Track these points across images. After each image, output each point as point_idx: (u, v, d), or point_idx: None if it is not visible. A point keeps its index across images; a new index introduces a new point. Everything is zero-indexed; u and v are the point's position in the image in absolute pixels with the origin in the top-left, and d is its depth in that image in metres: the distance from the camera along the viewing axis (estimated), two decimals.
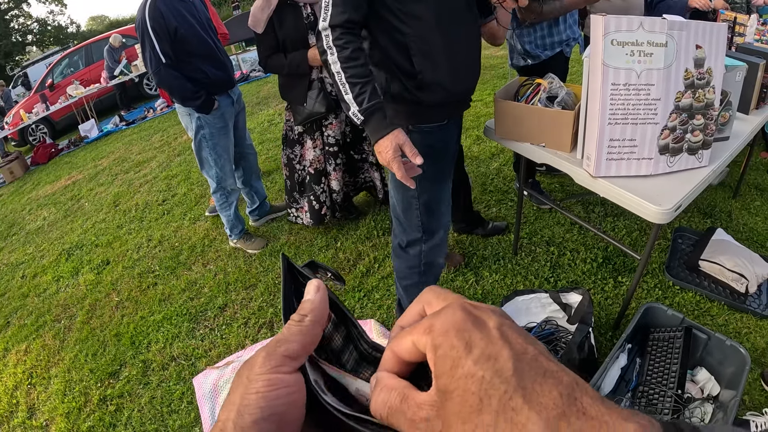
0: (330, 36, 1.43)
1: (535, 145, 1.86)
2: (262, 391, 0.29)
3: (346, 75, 1.42)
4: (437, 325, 0.27)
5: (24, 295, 3.47)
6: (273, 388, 0.30)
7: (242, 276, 2.95)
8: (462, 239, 2.82)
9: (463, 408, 0.24)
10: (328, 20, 1.42)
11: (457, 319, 0.27)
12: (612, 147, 1.52)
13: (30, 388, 2.56)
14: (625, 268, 2.42)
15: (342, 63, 1.42)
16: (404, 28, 1.49)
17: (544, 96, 1.79)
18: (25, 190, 6.31)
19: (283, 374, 0.30)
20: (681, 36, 1.39)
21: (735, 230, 2.57)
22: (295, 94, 2.65)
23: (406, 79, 1.57)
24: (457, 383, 0.25)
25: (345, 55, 1.42)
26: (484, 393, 0.24)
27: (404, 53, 1.53)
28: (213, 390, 2.19)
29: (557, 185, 3.20)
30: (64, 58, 10.24)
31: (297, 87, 2.62)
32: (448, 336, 0.26)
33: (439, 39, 1.52)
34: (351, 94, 1.43)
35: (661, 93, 1.43)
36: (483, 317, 0.27)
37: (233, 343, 2.46)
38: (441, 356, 0.26)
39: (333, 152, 2.85)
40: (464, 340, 0.25)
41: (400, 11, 1.48)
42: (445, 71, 1.57)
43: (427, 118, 1.66)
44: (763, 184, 2.94)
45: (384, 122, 1.45)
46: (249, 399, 0.29)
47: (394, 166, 1.46)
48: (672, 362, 1.71)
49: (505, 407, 0.23)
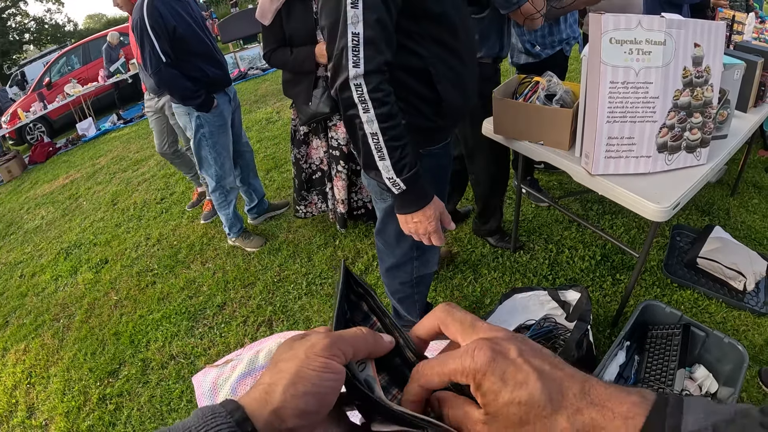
0: (365, 86, 1.13)
1: (534, 143, 1.86)
2: (318, 370, 0.33)
3: (385, 137, 1.17)
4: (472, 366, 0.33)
5: (22, 294, 3.46)
6: (327, 371, 0.33)
7: (241, 274, 2.95)
8: (461, 237, 2.82)
9: (508, 424, 0.32)
10: (362, 65, 1.12)
11: (488, 360, 0.32)
12: (610, 145, 1.52)
13: (29, 388, 2.56)
14: (623, 266, 2.43)
15: (381, 122, 1.16)
16: (422, 51, 1.29)
17: (542, 94, 1.79)
18: (23, 189, 6.30)
19: (337, 362, 0.34)
20: (679, 34, 1.39)
21: (733, 228, 2.57)
22: (299, 92, 2.54)
23: (426, 107, 1.37)
24: (501, 408, 0.32)
25: (385, 111, 1.16)
26: (523, 412, 0.31)
27: (425, 80, 1.32)
28: (212, 388, 2.18)
29: (555, 183, 3.20)
30: (61, 57, 10.21)
31: (301, 84, 2.51)
32: (486, 376, 0.32)
33: (456, 61, 1.35)
34: (389, 160, 1.20)
35: (659, 91, 1.43)
36: (504, 350, 0.33)
37: (232, 341, 2.46)
38: (484, 393, 0.32)
39: (336, 156, 2.71)
40: (499, 376, 0.32)
41: (416, 33, 1.27)
42: (461, 92, 1.42)
43: (437, 140, 1.52)
44: (761, 182, 2.95)
45: (426, 189, 1.29)
46: (306, 373, 0.33)
47: (435, 238, 1.33)
48: (670, 360, 1.72)
49: (539, 417, 0.31)
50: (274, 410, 0.32)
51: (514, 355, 0.33)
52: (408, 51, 1.28)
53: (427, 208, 1.30)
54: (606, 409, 0.30)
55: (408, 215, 1.32)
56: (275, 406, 0.32)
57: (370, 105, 1.15)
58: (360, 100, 1.15)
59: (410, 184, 1.24)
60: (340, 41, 1.13)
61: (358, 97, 1.14)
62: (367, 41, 1.11)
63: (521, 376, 0.32)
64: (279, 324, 2.51)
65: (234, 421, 0.30)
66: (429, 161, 1.53)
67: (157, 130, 3.45)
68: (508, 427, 0.32)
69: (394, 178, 1.22)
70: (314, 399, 0.33)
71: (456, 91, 1.39)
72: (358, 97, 1.15)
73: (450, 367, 0.34)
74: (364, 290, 0.43)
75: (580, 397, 0.31)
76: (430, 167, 1.53)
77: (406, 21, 1.23)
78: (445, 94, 1.35)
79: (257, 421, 0.31)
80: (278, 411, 0.32)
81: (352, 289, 0.43)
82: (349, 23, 1.10)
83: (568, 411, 0.30)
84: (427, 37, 1.27)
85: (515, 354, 0.33)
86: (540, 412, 0.31)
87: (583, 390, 0.31)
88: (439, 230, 1.34)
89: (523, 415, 0.31)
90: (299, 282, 2.75)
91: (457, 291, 2.46)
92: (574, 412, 0.30)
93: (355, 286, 0.43)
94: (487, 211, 2.64)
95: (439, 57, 1.31)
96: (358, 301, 0.43)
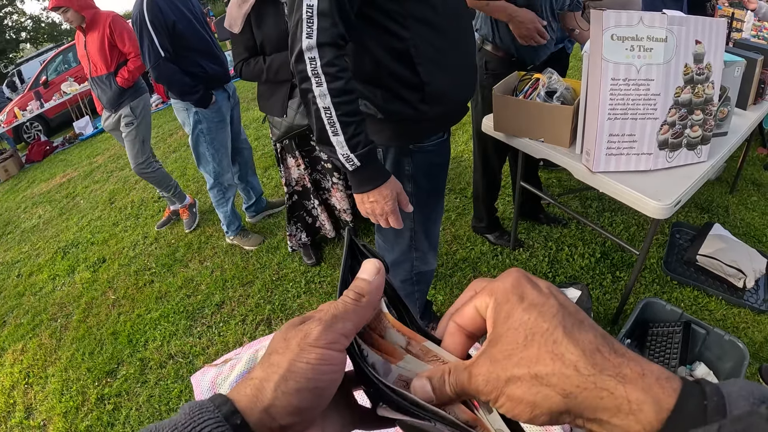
0: (318, 59, 1.12)
1: (534, 140, 1.85)
2: (313, 363, 0.30)
3: (338, 112, 1.15)
4: (498, 285, 0.31)
5: (20, 293, 3.44)
6: (324, 363, 0.31)
7: (239, 273, 2.94)
8: (459, 234, 2.82)
9: (510, 346, 0.28)
10: (315, 36, 1.10)
11: (514, 279, 0.31)
12: (611, 142, 1.52)
13: (27, 388, 2.55)
14: (623, 263, 2.42)
15: (334, 97, 1.14)
16: (404, 33, 1.24)
17: (542, 91, 1.78)
18: (20, 188, 6.27)
19: (335, 351, 0.31)
20: (681, 31, 1.39)
21: (732, 225, 2.58)
22: (273, 104, 2.31)
23: (409, 93, 1.33)
24: (508, 327, 0.29)
25: (338, 86, 1.14)
26: (529, 331, 0.28)
27: (406, 62, 1.28)
28: (211, 388, 2.18)
29: (555, 180, 3.20)
30: (58, 55, 10.14)
31: (276, 95, 2.28)
32: (506, 292, 0.30)
33: (443, 42, 1.31)
34: (342, 136, 1.17)
35: (660, 88, 1.43)
36: (536, 281, 0.31)
37: (231, 340, 2.45)
38: (497, 309, 0.30)
39: (329, 169, 2.54)
40: (518, 294, 0.30)
41: (398, 13, 1.22)
42: (450, 78, 1.37)
43: (428, 134, 1.47)
44: (760, 179, 2.95)
45: (382, 168, 1.27)
46: (298, 367, 0.30)
47: (392, 219, 1.31)
48: (671, 357, 1.71)
49: (547, 341, 0.27)
50: (264, 408, 0.30)
51: (542, 285, 0.31)
52: (389, 32, 1.24)
53: (383, 186, 1.26)
54: (634, 363, 0.26)
55: (364, 194, 1.28)
56: (266, 405, 0.30)
57: (323, 79, 1.13)
58: (313, 74, 1.13)
59: (365, 160, 1.21)
60: (296, 13, 1.12)
61: (311, 70, 1.13)
62: (321, 13, 1.10)
63: (540, 299, 0.29)
64: (278, 323, 2.50)
65: (222, 415, 0.29)
66: (420, 158, 1.48)
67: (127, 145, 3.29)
68: (508, 351, 0.28)
69: (348, 153, 1.20)
70: (309, 395, 0.30)
71: (443, 75, 1.34)
72: (311, 70, 1.13)
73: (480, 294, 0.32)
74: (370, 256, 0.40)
75: (601, 341, 0.27)
76: (421, 165, 1.50)
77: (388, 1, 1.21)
78: (428, 76, 1.30)
79: (248, 419, 0.29)
80: (269, 409, 0.30)
81: (356, 258, 0.40)
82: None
83: (585, 345, 0.27)
84: (409, 16, 1.23)
85: (544, 286, 0.31)
86: (548, 334, 0.27)
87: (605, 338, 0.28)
88: (397, 211, 1.31)
89: (529, 336, 0.28)
90: (298, 280, 2.74)
91: (456, 289, 2.46)
92: (592, 349, 0.27)
93: (360, 256, 0.40)
94: (478, 210, 2.68)
95: (423, 37, 1.26)
96: None
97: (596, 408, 0.26)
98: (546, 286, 0.30)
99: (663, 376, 0.26)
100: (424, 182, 1.54)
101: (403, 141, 1.44)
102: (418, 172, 1.51)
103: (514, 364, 0.28)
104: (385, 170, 1.28)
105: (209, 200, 3.94)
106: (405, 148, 1.45)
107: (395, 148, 1.46)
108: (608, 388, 0.25)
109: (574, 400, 0.26)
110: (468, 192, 3.21)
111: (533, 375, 0.27)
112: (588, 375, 0.26)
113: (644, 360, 0.27)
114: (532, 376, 0.27)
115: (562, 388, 0.26)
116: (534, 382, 0.27)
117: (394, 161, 1.48)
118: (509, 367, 0.28)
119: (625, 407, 0.25)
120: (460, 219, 2.97)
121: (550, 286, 0.31)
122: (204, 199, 3.97)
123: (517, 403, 0.28)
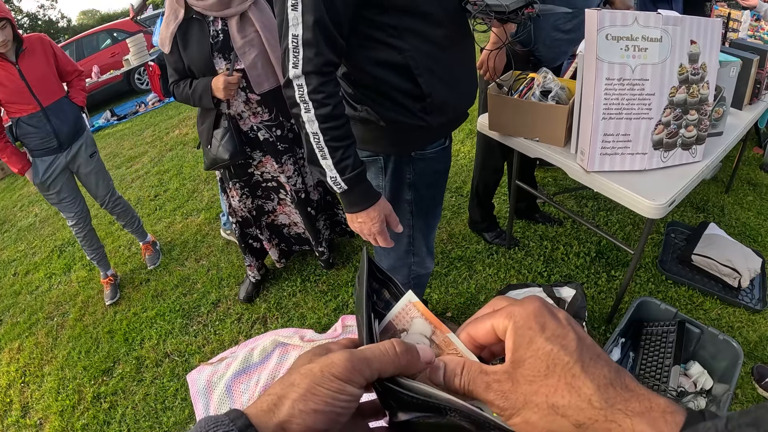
0: (305, 86, 1.15)
1: (529, 140, 1.85)
2: (333, 392, 0.32)
3: (326, 137, 1.18)
4: (519, 310, 0.33)
5: (16, 292, 3.44)
6: (342, 394, 0.32)
7: (235, 271, 2.93)
8: (455, 233, 2.82)
9: (532, 372, 0.31)
10: (300, 66, 1.13)
11: (536, 307, 0.33)
12: (606, 142, 1.52)
13: (23, 387, 2.54)
14: (618, 262, 2.43)
15: (321, 123, 1.17)
16: (402, 45, 1.24)
17: (537, 90, 1.78)
18: (16, 187, 6.25)
19: (354, 387, 0.32)
20: (676, 31, 1.39)
21: (727, 225, 2.58)
22: (203, 131, 2.14)
23: (411, 103, 1.33)
24: (531, 354, 0.31)
25: (325, 113, 1.16)
26: (551, 362, 0.30)
27: (405, 74, 1.28)
28: (207, 386, 2.18)
29: (550, 179, 3.20)
30: None
31: (205, 122, 2.12)
32: (527, 319, 0.32)
33: (442, 53, 1.30)
34: (330, 160, 1.20)
35: (655, 88, 1.43)
36: (555, 311, 0.33)
37: (227, 338, 2.45)
38: (520, 334, 0.32)
39: (273, 188, 2.37)
40: (540, 323, 0.32)
41: (393, 27, 1.22)
42: (451, 89, 1.37)
43: (430, 142, 1.47)
44: (755, 179, 2.96)
45: (370, 191, 1.28)
46: (318, 391, 0.31)
47: (380, 239, 1.33)
48: (665, 356, 1.72)
49: (566, 374, 0.30)
50: (279, 423, 0.31)
51: (561, 317, 0.33)
52: (386, 45, 1.24)
53: (371, 209, 1.28)
54: (642, 397, 0.29)
55: (353, 215, 1.31)
56: (281, 419, 0.31)
57: (311, 105, 1.16)
58: (301, 100, 1.16)
59: (352, 184, 1.23)
60: (283, 42, 1.15)
61: (299, 96, 1.16)
62: (306, 43, 1.12)
63: (561, 331, 0.32)
64: (273, 321, 2.50)
65: (236, 429, 0.29)
66: (421, 165, 1.48)
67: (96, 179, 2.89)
68: (530, 375, 0.31)
69: (336, 177, 1.22)
70: (324, 417, 0.31)
71: (443, 86, 1.34)
72: (299, 97, 1.16)
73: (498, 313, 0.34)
74: (385, 278, 0.43)
75: (615, 376, 0.30)
76: (423, 172, 1.49)
77: (377, 14, 1.21)
78: (429, 88, 1.30)
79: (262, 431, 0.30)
80: (284, 424, 0.31)
81: (374, 276, 0.42)
82: (290, 25, 1.11)
83: (600, 380, 0.29)
84: (404, 29, 1.23)
85: (563, 317, 0.33)
86: (568, 368, 0.30)
87: (618, 372, 0.30)
88: (385, 232, 1.33)
89: (550, 365, 0.30)
90: (293, 279, 2.74)
91: (452, 287, 2.46)
92: (605, 384, 0.29)
93: (378, 274, 0.43)
94: (475, 207, 2.68)
95: (420, 50, 1.26)
96: (380, 288, 0.43)
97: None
98: (564, 317, 0.33)
99: (669, 410, 0.28)
100: (424, 190, 1.53)
101: (405, 148, 1.44)
102: (419, 180, 1.51)
103: (533, 391, 0.31)
104: (374, 192, 1.30)
105: (201, 202, 3.93)
106: (406, 155, 1.45)
107: (396, 156, 1.45)
108: (617, 420, 0.28)
109: (585, 431, 0.29)
110: (464, 190, 3.21)
111: (550, 405, 0.30)
112: (600, 408, 0.29)
113: (653, 394, 0.29)
114: (549, 406, 0.30)
115: (576, 419, 0.29)
116: (550, 411, 0.30)
117: (395, 169, 1.47)
118: (529, 392, 0.31)
119: None
120: (456, 218, 2.97)
121: (568, 317, 0.33)
122: (199, 198, 3.96)
123: (532, 426, 0.31)
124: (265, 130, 2.15)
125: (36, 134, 2.55)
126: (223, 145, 2.07)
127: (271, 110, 2.12)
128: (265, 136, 2.16)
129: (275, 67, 1.99)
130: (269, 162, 2.25)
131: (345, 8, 1.14)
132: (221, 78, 1.90)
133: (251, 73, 1.97)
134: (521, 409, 0.31)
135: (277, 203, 2.44)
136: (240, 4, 1.89)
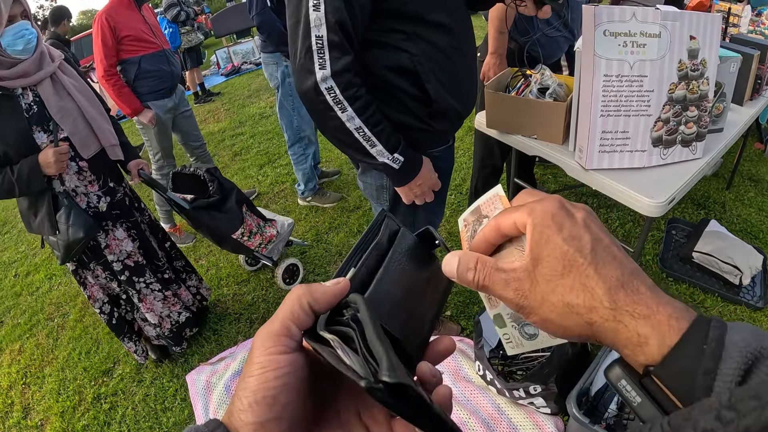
0: (336, 87, 1.16)
1: (527, 137, 1.84)
2: (255, 374, 0.30)
3: (369, 126, 1.22)
4: (538, 209, 0.34)
5: (17, 293, 3.44)
6: (264, 371, 0.30)
7: (234, 271, 2.93)
8: (454, 231, 2.81)
9: (550, 271, 0.32)
10: (329, 67, 1.15)
11: (554, 207, 0.34)
12: (604, 139, 1.50)
13: (24, 388, 2.55)
14: None
15: (360, 115, 1.20)
16: (410, 49, 1.26)
17: (535, 87, 1.77)
18: None
19: (277, 355, 0.30)
20: (675, 26, 1.38)
21: (728, 221, 2.57)
22: (41, 223, 1.88)
23: (417, 107, 1.36)
24: (548, 253, 0.32)
25: (360, 105, 1.20)
26: (567, 262, 0.32)
27: (413, 79, 1.30)
28: (206, 386, 2.18)
29: (550, 176, 3.19)
30: None
31: (41, 211, 1.87)
32: (545, 218, 0.33)
33: (448, 60, 1.33)
34: (380, 144, 1.25)
35: (654, 84, 1.42)
36: (573, 210, 0.34)
37: (225, 339, 2.45)
38: (538, 232, 0.33)
39: (131, 270, 2.10)
40: (558, 222, 0.33)
41: (401, 32, 1.25)
42: (455, 95, 1.39)
43: (435, 143, 1.51)
44: (756, 175, 2.94)
45: (415, 152, 1.35)
46: (246, 383, 0.30)
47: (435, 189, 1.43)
48: None
49: (581, 275, 0.31)
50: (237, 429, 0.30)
51: (579, 217, 0.33)
52: (394, 50, 1.26)
53: (424, 165, 1.36)
54: (651, 301, 0.30)
55: (412, 181, 1.36)
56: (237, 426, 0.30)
57: (346, 104, 1.18)
58: (335, 102, 1.18)
59: (406, 154, 1.30)
60: (303, 42, 1.15)
61: (333, 99, 1.18)
62: (332, 44, 1.14)
63: (577, 232, 0.32)
64: None
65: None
66: None
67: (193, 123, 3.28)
68: (548, 274, 0.32)
69: (390, 156, 1.28)
70: (261, 407, 0.29)
71: (448, 93, 1.36)
72: (332, 100, 1.18)
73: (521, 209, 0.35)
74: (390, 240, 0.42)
75: (626, 279, 0.31)
76: None
77: (387, 20, 1.22)
78: (435, 94, 1.32)
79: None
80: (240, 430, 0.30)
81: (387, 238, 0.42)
82: (313, 26, 1.13)
83: (611, 282, 0.31)
84: (413, 35, 1.25)
85: (581, 218, 0.33)
86: (583, 269, 0.31)
87: (632, 274, 0.31)
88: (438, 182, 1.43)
89: (566, 265, 0.32)
90: None
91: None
92: (616, 286, 0.31)
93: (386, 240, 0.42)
94: None
95: (428, 55, 1.28)
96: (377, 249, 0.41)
97: (614, 337, 0.31)
98: (582, 218, 0.33)
99: (675, 315, 0.29)
100: None
101: None
102: None
103: (551, 290, 0.32)
104: (418, 153, 1.37)
105: None
106: None
107: None
108: (624, 321, 0.30)
109: (597, 329, 0.31)
110: (463, 188, 3.20)
111: (566, 303, 0.32)
112: (610, 308, 0.30)
113: (665, 298, 0.31)
114: (565, 304, 0.32)
115: (589, 318, 0.31)
116: (566, 309, 0.32)
117: None
118: (547, 291, 0.32)
119: (635, 339, 0.30)
120: (456, 215, 2.96)
121: (586, 217, 0.34)
122: None
123: (549, 323, 0.33)
124: (102, 200, 1.98)
125: (156, 74, 2.86)
126: (72, 224, 1.83)
127: (98, 177, 1.95)
128: (103, 206, 1.99)
129: (94, 129, 1.87)
130: (119, 230, 2.06)
131: (362, 13, 1.17)
132: (49, 151, 1.72)
133: (75, 138, 1.81)
134: (538, 308, 0.33)
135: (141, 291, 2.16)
136: (49, 65, 1.76)
